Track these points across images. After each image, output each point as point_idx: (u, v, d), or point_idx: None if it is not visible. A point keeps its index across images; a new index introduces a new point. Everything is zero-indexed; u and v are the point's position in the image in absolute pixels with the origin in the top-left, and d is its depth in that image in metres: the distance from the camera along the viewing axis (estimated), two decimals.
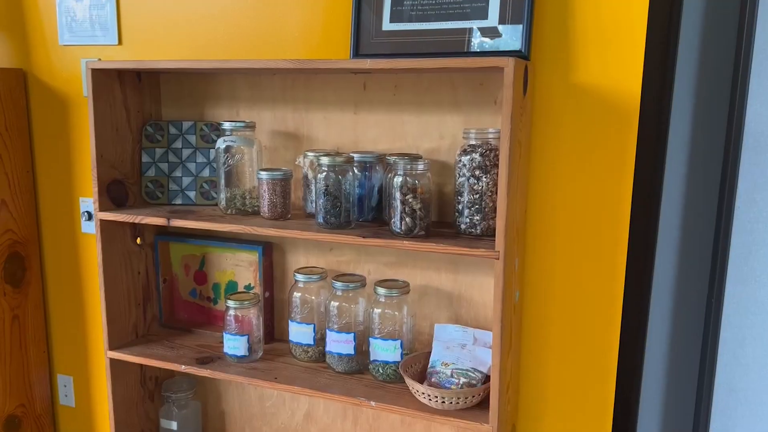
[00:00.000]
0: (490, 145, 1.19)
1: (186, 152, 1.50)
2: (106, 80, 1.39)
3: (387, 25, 1.29)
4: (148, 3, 1.55)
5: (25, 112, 1.72)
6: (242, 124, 1.38)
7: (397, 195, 1.20)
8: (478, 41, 1.22)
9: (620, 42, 1.19)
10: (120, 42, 1.59)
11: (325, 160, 1.24)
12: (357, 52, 1.32)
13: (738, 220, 1.24)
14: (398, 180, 1.20)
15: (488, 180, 1.18)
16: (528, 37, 1.19)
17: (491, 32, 1.21)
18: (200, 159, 1.50)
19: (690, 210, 1.36)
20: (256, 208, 1.39)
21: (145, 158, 1.50)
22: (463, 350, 1.28)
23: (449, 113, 1.31)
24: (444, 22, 1.24)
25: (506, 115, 1.06)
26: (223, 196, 1.39)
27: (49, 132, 1.74)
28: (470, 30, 1.23)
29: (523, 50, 1.18)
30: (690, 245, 1.37)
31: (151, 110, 1.53)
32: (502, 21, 1.20)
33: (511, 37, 1.20)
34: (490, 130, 1.20)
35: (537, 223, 1.30)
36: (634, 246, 1.26)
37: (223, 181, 1.39)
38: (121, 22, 1.58)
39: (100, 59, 1.62)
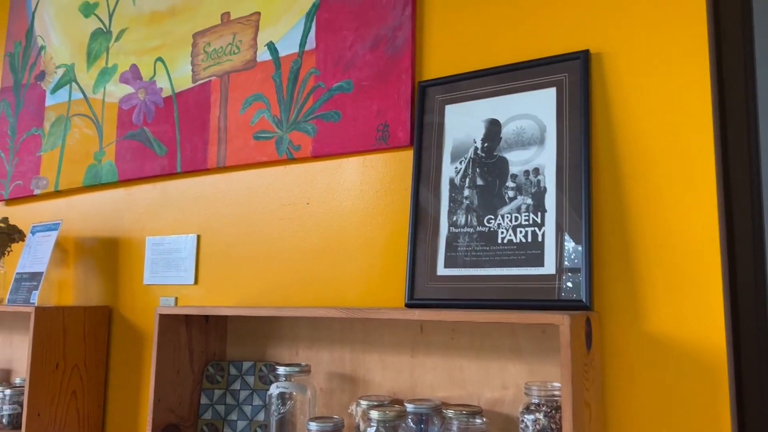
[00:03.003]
0: (556, 403, 1.06)
1: (243, 394, 1.47)
2: (173, 324, 1.45)
3: (441, 270, 1.28)
4: (223, 251, 1.66)
5: (105, 347, 1.81)
6: (297, 368, 1.35)
7: None
8: (535, 288, 1.17)
9: (692, 287, 1.09)
10: (196, 282, 1.69)
11: (374, 414, 1.16)
12: (412, 297, 1.30)
13: None
14: None
15: None
16: (589, 284, 1.12)
17: (548, 279, 1.16)
18: (257, 401, 1.46)
19: None
20: None
21: (203, 399, 1.48)
22: None
23: (511, 361, 1.22)
24: (498, 269, 1.21)
25: (566, 378, 0.95)
26: None
27: (124, 366, 1.79)
28: (526, 277, 1.18)
29: (584, 300, 1.11)
30: None
31: (215, 349, 1.55)
32: (559, 268, 1.15)
33: (572, 285, 1.13)
34: (555, 385, 1.08)
35: None
36: None
37: (274, 430, 1.32)
38: (199, 266, 1.70)
39: (177, 298, 1.71)
